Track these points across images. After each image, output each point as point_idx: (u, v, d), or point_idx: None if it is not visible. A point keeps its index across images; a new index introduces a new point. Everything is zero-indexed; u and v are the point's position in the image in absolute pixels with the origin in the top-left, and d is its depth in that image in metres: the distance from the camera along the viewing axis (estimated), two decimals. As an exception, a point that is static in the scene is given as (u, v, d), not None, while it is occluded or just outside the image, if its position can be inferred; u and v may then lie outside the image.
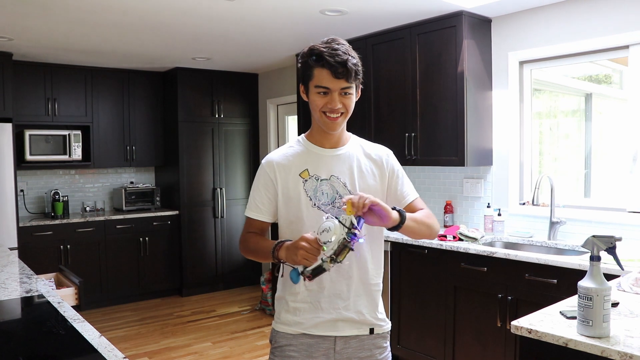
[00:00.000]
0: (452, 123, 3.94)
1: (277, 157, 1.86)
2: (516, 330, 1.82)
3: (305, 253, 1.55)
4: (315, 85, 1.73)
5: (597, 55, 3.61)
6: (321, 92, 1.73)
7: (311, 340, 1.80)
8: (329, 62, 1.68)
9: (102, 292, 5.74)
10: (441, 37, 3.98)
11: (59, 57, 5.36)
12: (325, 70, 1.69)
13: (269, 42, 4.90)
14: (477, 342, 3.48)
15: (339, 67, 1.68)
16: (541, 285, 3.10)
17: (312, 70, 1.73)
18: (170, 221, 6.16)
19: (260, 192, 1.85)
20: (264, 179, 1.85)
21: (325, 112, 1.75)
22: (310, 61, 1.73)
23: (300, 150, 1.86)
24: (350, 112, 1.78)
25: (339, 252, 1.53)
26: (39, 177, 5.91)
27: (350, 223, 1.53)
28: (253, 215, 1.86)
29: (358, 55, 1.79)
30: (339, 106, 1.73)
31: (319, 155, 1.83)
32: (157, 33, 4.47)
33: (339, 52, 1.69)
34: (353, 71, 1.70)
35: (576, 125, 4.12)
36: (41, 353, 1.73)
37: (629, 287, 2.26)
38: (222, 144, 6.45)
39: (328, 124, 1.76)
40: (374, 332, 1.86)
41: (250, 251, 1.86)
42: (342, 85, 1.71)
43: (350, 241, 1.52)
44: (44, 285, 2.56)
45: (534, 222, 3.87)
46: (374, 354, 1.86)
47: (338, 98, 1.72)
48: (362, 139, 1.96)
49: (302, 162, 1.82)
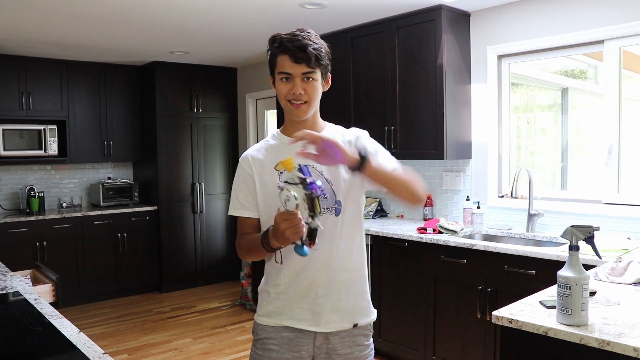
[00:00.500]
0: (431, 117, 3.96)
1: (253, 152, 1.85)
2: (497, 321, 1.84)
3: (291, 229, 1.52)
4: (278, 72, 1.74)
5: (573, 50, 3.66)
6: (283, 79, 1.74)
7: (291, 334, 1.79)
8: (287, 47, 1.70)
9: (80, 289, 5.66)
10: (420, 31, 4.00)
11: (34, 50, 5.25)
12: (286, 55, 1.71)
13: (248, 36, 4.87)
14: (457, 334, 3.51)
15: (297, 52, 1.68)
16: (520, 276, 3.14)
17: (276, 58, 1.74)
18: (148, 217, 6.10)
19: (242, 188, 1.83)
20: (243, 175, 1.83)
21: (289, 100, 1.74)
22: (273, 49, 1.75)
23: (274, 144, 1.85)
24: (314, 99, 1.76)
25: (312, 207, 1.52)
26: (14, 173, 5.80)
27: (299, 178, 1.52)
28: (238, 213, 1.83)
29: (328, 45, 1.79)
30: (300, 92, 1.72)
31: (293, 147, 1.80)
32: (135, 26, 4.41)
33: (299, 38, 1.70)
34: (313, 56, 1.70)
35: (552, 120, 4.17)
36: (18, 351, 1.70)
37: (606, 276, 2.30)
38: (201, 139, 6.40)
39: (293, 111, 1.76)
40: (358, 325, 1.84)
41: (246, 252, 1.82)
42: (302, 69, 1.71)
43: (312, 191, 1.51)
44: (19, 282, 2.52)
45: (512, 214, 3.92)
46: (354, 352, 1.84)
47: (300, 84, 1.72)
48: (339, 126, 1.91)
49: (276, 155, 1.79)
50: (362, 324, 1.86)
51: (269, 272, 1.86)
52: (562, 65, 4.07)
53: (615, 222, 3.37)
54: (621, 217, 3.36)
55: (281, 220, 1.53)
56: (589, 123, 3.95)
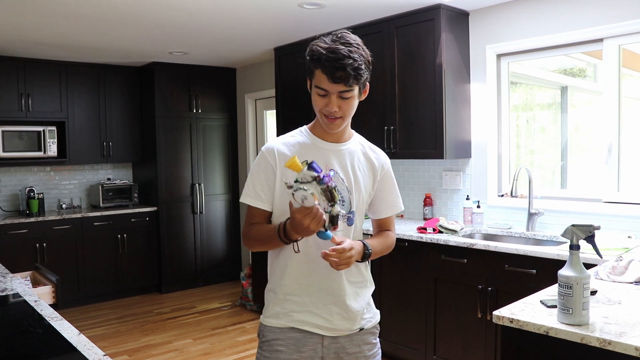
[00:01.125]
0: (430, 116, 3.96)
1: (279, 145, 1.82)
2: (498, 320, 1.84)
3: (314, 222, 1.54)
4: (315, 86, 1.72)
5: (572, 49, 3.66)
6: (320, 94, 1.71)
7: (299, 334, 1.79)
8: (325, 66, 1.64)
9: (80, 290, 5.66)
10: (419, 30, 3.99)
11: (33, 51, 5.25)
12: (323, 73, 1.66)
13: (247, 36, 4.86)
14: (458, 334, 3.51)
15: (336, 72, 1.63)
16: (521, 275, 3.14)
17: (314, 69, 1.70)
18: (148, 217, 6.10)
19: (261, 178, 1.79)
20: (265, 165, 1.80)
21: (325, 114, 1.73)
22: (311, 61, 1.70)
23: (302, 141, 1.83)
24: (349, 115, 1.76)
25: (331, 197, 1.55)
26: (13, 174, 5.79)
27: (311, 176, 1.53)
28: (252, 203, 1.80)
29: (369, 51, 1.75)
30: (335, 109, 1.70)
31: (321, 148, 1.81)
32: (133, 26, 4.40)
33: (339, 55, 1.63)
34: (351, 76, 1.64)
35: (552, 118, 4.17)
36: (18, 352, 1.69)
37: (606, 275, 2.29)
38: (200, 139, 6.39)
39: (327, 124, 1.76)
40: (363, 329, 1.86)
41: (256, 242, 1.81)
42: (339, 88, 1.67)
43: (326, 184, 1.53)
44: (19, 284, 2.51)
45: (512, 213, 3.91)
46: (363, 350, 1.86)
47: (336, 101, 1.69)
48: (363, 138, 1.95)
49: (303, 153, 1.78)
50: (369, 327, 1.89)
51: (275, 271, 1.84)
52: (561, 63, 4.07)
53: (615, 221, 3.37)
54: (621, 216, 3.36)
55: (302, 216, 1.54)
56: (589, 121, 3.95)
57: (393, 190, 1.94)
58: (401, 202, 1.98)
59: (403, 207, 1.99)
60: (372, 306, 1.92)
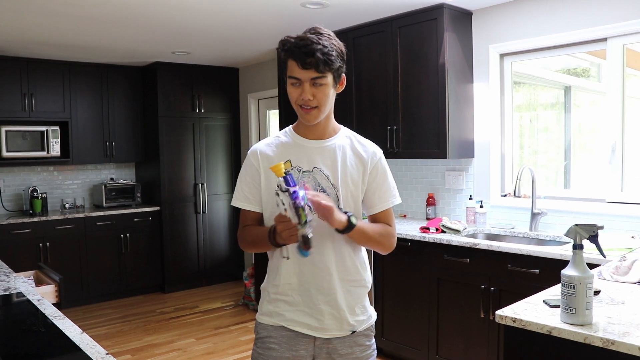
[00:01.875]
0: (433, 116, 3.96)
1: (262, 147, 1.85)
2: (501, 320, 1.83)
3: (287, 232, 1.56)
4: (288, 76, 1.72)
5: (576, 48, 3.65)
6: (294, 84, 1.71)
7: (291, 333, 1.80)
8: (294, 52, 1.66)
9: (83, 289, 5.67)
10: (422, 30, 3.99)
11: (36, 51, 5.26)
12: (294, 61, 1.67)
13: (250, 35, 4.86)
14: (461, 334, 3.51)
15: (305, 58, 1.64)
16: (524, 275, 3.13)
17: (286, 62, 1.71)
18: (151, 217, 6.11)
19: (247, 181, 1.83)
20: (250, 168, 1.83)
21: (300, 104, 1.73)
22: (282, 52, 1.71)
23: (285, 141, 1.84)
24: (325, 104, 1.73)
25: (298, 215, 1.53)
26: (16, 174, 5.81)
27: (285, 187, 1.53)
28: (241, 205, 1.84)
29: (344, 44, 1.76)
30: (309, 97, 1.69)
31: (303, 147, 1.81)
32: (136, 26, 4.41)
33: (307, 42, 1.65)
34: (322, 61, 1.64)
35: (555, 118, 4.16)
36: (22, 351, 1.70)
37: (610, 275, 2.29)
38: (203, 139, 6.40)
39: (303, 115, 1.75)
40: (356, 332, 1.84)
41: (249, 244, 1.84)
42: (311, 75, 1.67)
43: (294, 200, 1.51)
44: (22, 283, 2.52)
45: (515, 213, 3.91)
46: (354, 352, 1.83)
47: (309, 89, 1.69)
48: (354, 132, 1.92)
49: (285, 153, 1.80)
50: (361, 329, 1.85)
51: (270, 270, 1.87)
52: (564, 63, 4.06)
53: (619, 221, 3.36)
54: (625, 216, 3.35)
55: (279, 221, 1.57)
56: (592, 121, 3.94)
57: (385, 181, 1.86)
58: (397, 194, 1.89)
59: (400, 200, 1.90)
60: (367, 308, 1.88)
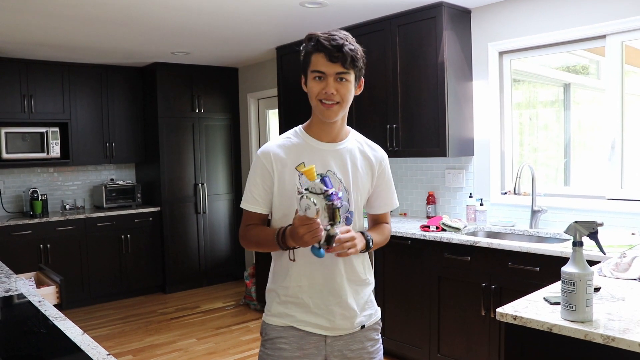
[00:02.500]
0: (433, 114, 3.96)
1: (274, 149, 1.82)
2: (501, 317, 1.83)
3: (310, 234, 1.55)
4: (312, 70, 1.73)
5: (574, 45, 3.65)
6: (317, 77, 1.72)
7: (301, 332, 1.80)
8: (324, 45, 1.68)
9: (84, 290, 5.67)
10: (421, 28, 3.99)
11: (35, 52, 5.26)
12: (321, 54, 1.69)
13: (249, 35, 4.86)
14: (462, 331, 3.51)
15: (334, 51, 1.67)
16: (524, 273, 3.13)
17: (310, 57, 1.73)
18: (151, 218, 6.11)
19: (257, 183, 1.80)
20: (261, 170, 1.80)
21: (321, 99, 1.73)
22: (309, 47, 1.73)
23: (297, 143, 1.83)
24: (347, 101, 1.76)
25: (332, 216, 1.55)
26: (17, 176, 5.81)
27: (320, 189, 1.53)
28: (250, 208, 1.82)
29: (363, 50, 1.79)
30: (332, 92, 1.70)
31: (317, 149, 1.81)
32: (135, 27, 4.41)
33: (336, 37, 1.69)
34: (349, 56, 1.69)
35: (555, 116, 4.16)
36: (23, 353, 1.70)
37: (610, 272, 2.29)
38: (203, 139, 6.40)
39: (324, 111, 1.74)
40: (365, 326, 1.87)
41: (252, 243, 1.83)
42: (337, 69, 1.69)
43: (332, 202, 1.53)
44: (23, 285, 2.52)
45: (515, 211, 3.91)
46: (366, 346, 1.86)
47: (333, 84, 1.71)
48: (360, 134, 1.95)
49: (298, 155, 1.79)
50: (369, 324, 1.89)
51: (277, 272, 1.85)
52: (564, 61, 4.06)
53: (619, 218, 3.36)
54: (625, 213, 3.35)
55: (300, 224, 1.55)
56: (592, 119, 3.94)
57: (389, 186, 1.95)
58: (396, 198, 2.00)
59: (398, 204, 2.00)
60: (373, 302, 1.92)
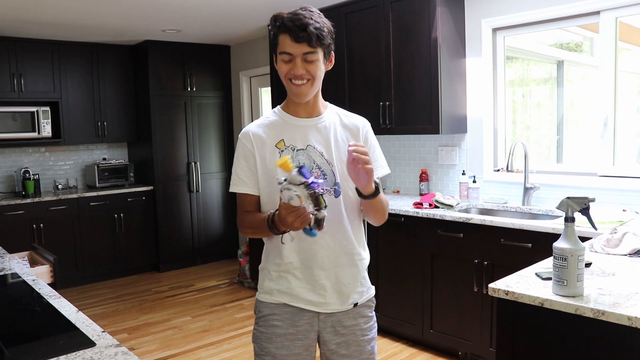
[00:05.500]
0: (426, 91, 3.94)
1: (253, 129, 1.83)
2: (493, 293, 1.85)
3: (298, 220, 1.54)
4: (280, 52, 1.72)
5: (568, 22, 3.63)
6: (285, 59, 1.71)
7: (294, 309, 1.81)
8: (288, 26, 1.66)
9: (77, 270, 5.68)
10: (414, 4, 3.95)
11: (24, 30, 5.18)
12: (286, 34, 1.68)
13: (241, 12, 4.81)
14: (454, 308, 3.55)
15: (299, 32, 1.65)
16: (516, 249, 3.16)
17: (277, 38, 1.72)
18: (144, 197, 6.10)
19: (242, 164, 1.81)
20: (243, 151, 1.81)
21: (290, 79, 1.73)
22: (274, 28, 1.72)
23: (275, 121, 1.83)
24: (316, 79, 1.74)
25: (317, 203, 1.55)
26: (7, 156, 5.77)
27: (299, 180, 1.53)
28: (239, 190, 1.81)
29: (331, 23, 1.76)
30: (301, 72, 1.70)
31: (295, 125, 1.81)
32: (125, 3, 4.34)
33: (300, 17, 1.67)
34: (314, 35, 1.66)
35: (548, 94, 4.16)
36: (17, 330, 1.71)
37: (601, 247, 2.31)
38: (196, 118, 6.36)
39: (294, 90, 1.74)
40: (358, 304, 1.87)
41: (248, 230, 1.82)
42: (303, 50, 1.68)
43: (314, 190, 1.53)
44: (17, 264, 2.52)
45: (508, 188, 3.92)
46: (359, 323, 1.87)
47: (301, 64, 1.70)
48: (340, 108, 1.93)
49: (277, 133, 1.80)
50: (362, 301, 1.89)
51: (269, 250, 1.85)
52: (557, 38, 4.04)
53: (610, 194, 3.38)
54: (616, 190, 3.37)
55: (287, 213, 1.54)
56: (585, 96, 3.94)
57: (374, 151, 1.89)
58: (386, 164, 1.93)
59: (389, 170, 1.93)
60: (366, 279, 1.92)
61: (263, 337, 1.82)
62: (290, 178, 1.53)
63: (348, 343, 1.84)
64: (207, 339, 4.24)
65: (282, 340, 1.80)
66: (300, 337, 1.81)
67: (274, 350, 1.80)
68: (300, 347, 1.81)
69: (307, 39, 1.66)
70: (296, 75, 1.70)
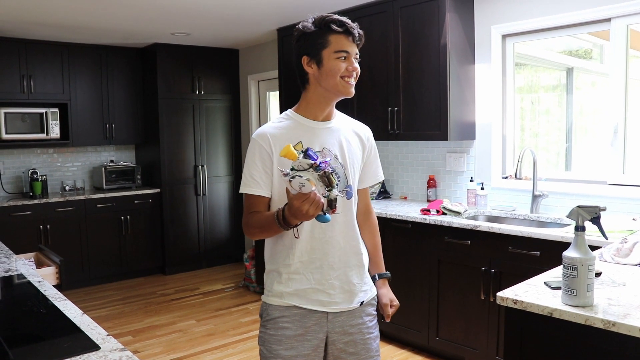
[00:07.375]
0: (435, 97, 3.93)
1: (270, 130, 1.82)
2: (502, 302, 1.83)
3: (312, 207, 1.54)
4: (336, 51, 1.77)
5: (579, 29, 3.60)
6: (342, 57, 1.78)
7: (303, 311, 1.82)
8: (348, 27, 1.77)
9: (83, 271, 5.68)
10: (424, 10, 3.94)
11: (34, 32, 5.21)
12: (344, 35, 1.77)
13: (250, 16, 4.81)
14: (461, 315, 3.52)
15: (355, 32, 1.78)
16: (524, 257, 3.13)
17: (327, 37, 1.77)
18: (151, 199, 6.11)
19: (257, 165, 1.79)
20: (260, 152, 1.79)
21: (343, 76, 1.79)
22: (326, 29, 1.77)
23: (291, 124, 1.84)
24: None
25: (329, 182, 1.55)
26: (16, 157, 5.79)
27: (307, 164, 1.53)
28: (252, 191, 1.79)
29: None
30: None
31: (311, 128, 1.83)
32: (135, 6, 4.36)
33: (347, 20, 1.79)
34: (362, 38, 1.82)
35: (557, 100, 4.13)
36: (22, 332, 1.70)
37: (611, 257, 2.29)
38: (203, 121, 6.37)
39: (347, 87, 1.81)
40: (364, 303, 1.91)
41: (255, 230, 1.80)
42: (355, 50, 1.81)
43: (323, 170, 1.53)
44: (23, 265, 2.52)
45: (516, 195, 3.90)
46: (365, 321, 1.91)
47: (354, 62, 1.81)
48: (344, 114, 2.00)
49: (295, 135, 1.80)
50: (367, 300, 1.94)
51: (278, 252, 1.84)
52: (567, 44, 4.02)
53: (620, 203, 3.35)
54: (626, 198, 3.34)
55: (300, 203, 1.53)
56: (594, 103, 3.91)
57: (377, 159, 2.02)
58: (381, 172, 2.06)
59: (384, 177, 2.09)
60: (369, 278, 1.98)
61: (272, 340, 1.82)
62: (298, 164, 1.53)
63: (355, 341, 1.88)
64: (212, 342, 4.23)
65: (292, 341, 1.80)
66: (309, 337, 1.82)
67: (282, 352, 1.80)
68: (309, 348, 1.82)
69: (360, 41, 1.81)
70: (350, 72, 1.79)
